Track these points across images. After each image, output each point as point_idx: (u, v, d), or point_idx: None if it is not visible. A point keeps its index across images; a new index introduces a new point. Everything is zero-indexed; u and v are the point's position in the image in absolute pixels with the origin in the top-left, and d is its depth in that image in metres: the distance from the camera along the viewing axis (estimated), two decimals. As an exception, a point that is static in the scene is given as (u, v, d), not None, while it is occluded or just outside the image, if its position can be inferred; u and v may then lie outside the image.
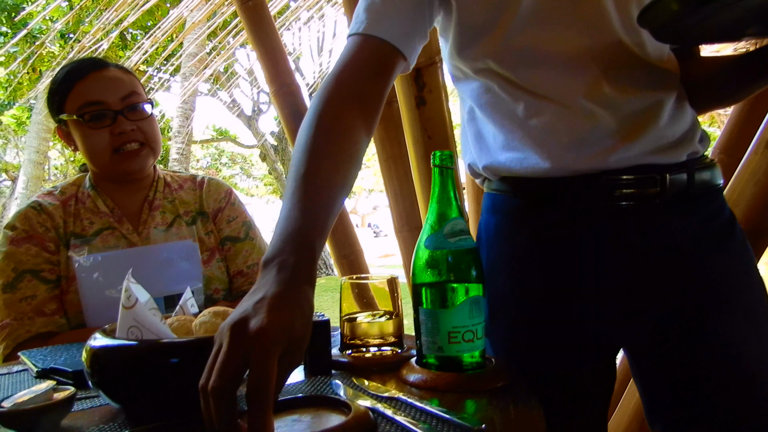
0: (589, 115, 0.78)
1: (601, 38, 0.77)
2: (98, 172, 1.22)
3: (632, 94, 0.78)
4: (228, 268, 1.27)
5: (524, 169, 0.81)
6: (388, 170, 1.92)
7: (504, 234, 0.87)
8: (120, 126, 1.16)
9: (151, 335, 0.64)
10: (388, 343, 0.80)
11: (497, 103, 0.83)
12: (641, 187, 0.78)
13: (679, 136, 0.79)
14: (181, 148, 7.19)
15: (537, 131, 0.81)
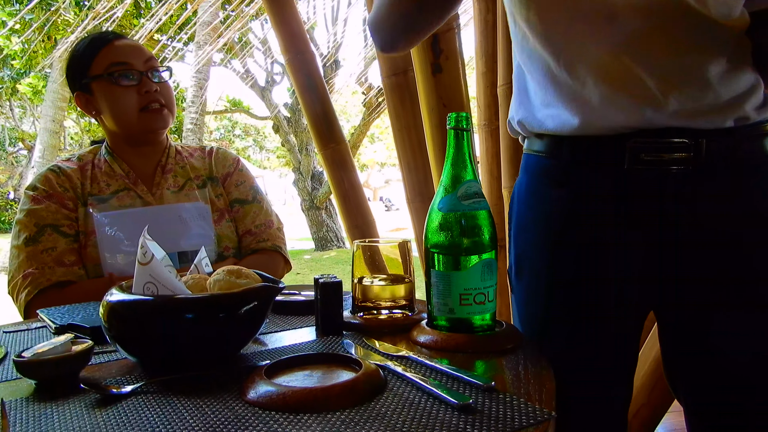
0: (624, 70, 0.74)
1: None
2: (120, 133, 1.26)
3: (675, 51, 0.73)
4: (237, 228, 1.32)
5: (555, 127, 0.81)
6: (402, 141, 1.91)
7: (534, 193, 0.87)
8: (146, 85, 1.22)
9: (167, 291, 0.64)
10: (399, 306, 0.81)
11: (534, 54, 0.82)
12: (670, 152, 0.74)
13: (726, 99, 0.74)
14: (195, 118, 7.19)
15: (568, 86, 0.79)
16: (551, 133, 0.82)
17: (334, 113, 2.11)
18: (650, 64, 0.74)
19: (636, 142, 0.75)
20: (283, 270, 1.34)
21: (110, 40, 1.24)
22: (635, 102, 0.75)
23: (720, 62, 0.74)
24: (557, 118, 0.80)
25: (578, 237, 0.81)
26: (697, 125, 0.74)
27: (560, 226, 0.83)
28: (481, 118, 2.07)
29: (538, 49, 0.81)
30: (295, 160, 9.43)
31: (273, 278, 0.71)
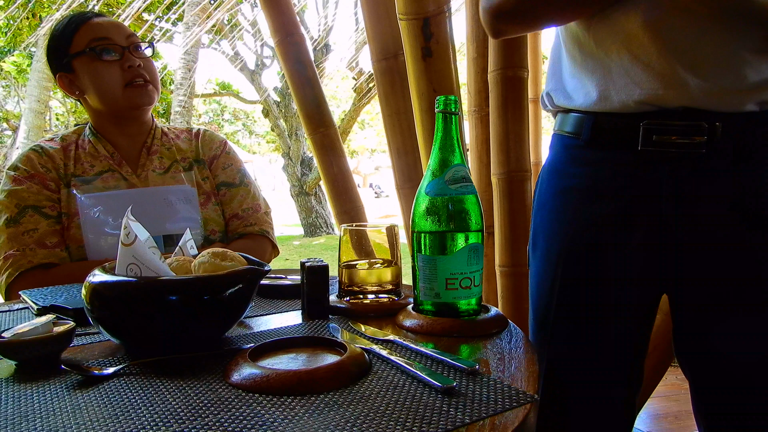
0: (645, 44, 0.74)
1: None
2: (105, 111, 1.24)
3: (699, 29, 0.72)
4: (224, 212, 1.31)
5: (577, 100, 0.83)
6: (392, 126, 1.90)
7: (555, 171, 0.90)
8: (129, 60, 1.21)
9: (150, 272, 0.64)
10: (385, 291, 0.81)
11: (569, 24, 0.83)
12: (684, 135, 0.73)
13: (753, 83, 0.72)
14: (183, 100, 7.10)
15: (593, 55, 0.80)
16: (573, 108, 0.84)
17: (324, 97, 2.09)
18: (672, 40, 0.73)
19: (650, 123, 0.75)
20: (270, 255, 1.33)
21: (89, 17, 1.22)
22: (652, 77, 0.74)
23: (750, 44, 0.72)
24: (580, 90, 0.82)
25: (591, 216, 0.83)
26: (713, 107, 0.72)
27: (576, 203, 0.85)
28: (472, 105, 2.07)
29: None
30: (285, 145, 9.36)
31: (258, 261, 0.71)
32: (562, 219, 0.87)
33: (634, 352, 0.87)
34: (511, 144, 1.84)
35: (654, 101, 0.75)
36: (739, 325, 0.77)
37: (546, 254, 0.89)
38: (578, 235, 0.85)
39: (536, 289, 0.92)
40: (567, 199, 0.87)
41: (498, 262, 1.87)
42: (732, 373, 0.79)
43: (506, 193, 1.85)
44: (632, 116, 0.77)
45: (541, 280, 0.90)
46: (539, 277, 0.91)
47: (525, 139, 1.83)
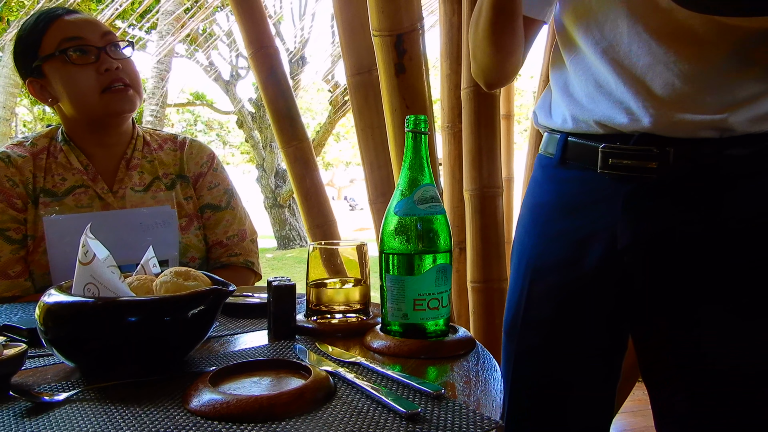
0: (602, 75, 0.79)
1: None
2: (80, 117, 1.12)
3: (652, 59, 0.74)
4: (206, 237, 1.22)
5: (555, 121, 0.87)
6: (365, 140, 1.90)
7: (531, 188, 0.94)
8: (105, 63, 1.09)
9: (109, 293, 0.62)
10: (353, 310, 0.80)
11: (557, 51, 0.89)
12: (636, 159, 0.76)
13: (708, 109, 0.73)
14: (156, 110, 6.99)
15: (569, 84, 0.85)
16: (551, 128, 0.89)
17: (298, 110, 2.08)
18: (626, 69, 0.76)
19: (607, 147, 0.78)
20: (252, 283, 1.25)
21: (59, 15, 1.09)
22: (611, 103, 0.78)
23: (704, 72, 0.73)
24: (558, 111, 0.87)
25: (556, 232, 0.86)
26: (667, 133, 0.74)
27: (544, 219, 0.89)
28: (445, 121, 2.08)
29: (560, 46, 0.88)
30: (259, 156, 9.30)
31: (223, 281, 0.69)
32: (532, 234, 0.91)
33: (602, 373, 0.88)
34: (484, 160, 1.85)
35: (612, 126, 0.78)
36: (694, 340, 0.78)
37: (518, 267, 0.92)
38: (545, 250, 0.88)
39: (508, 301, 0.94)
40: (537, 215, 0.91)
41: (470, 278, 1.88)
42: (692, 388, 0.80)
43: (478, 209, 1.86)
44: (594, 139, 0.80)
45: (512, 293, 0.93)
46: (511, 290, 0.94)
47: (497, 155, 1.85)
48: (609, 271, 0.81)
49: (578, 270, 0.83)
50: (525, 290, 0.89)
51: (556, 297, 0.86)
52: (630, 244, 0.78)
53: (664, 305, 0.79)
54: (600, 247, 0.81)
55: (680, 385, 0.80)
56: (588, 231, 0.82)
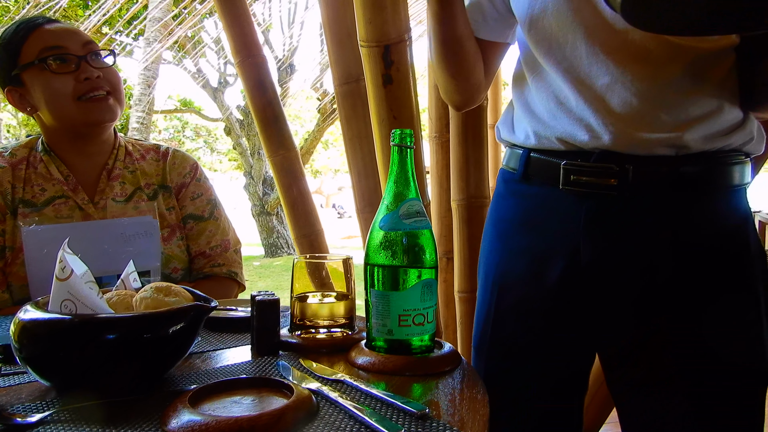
0: (564, 93, 0.80)
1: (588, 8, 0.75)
2: (59, 126, 1.11)
3: (610, 78, 0.75)
4: (189, 248, 1.20)
5: (518, 137, 0.87)
6: (353, 149, 1.89)
7: (495, 203, 0.95)
8: (85, 71, 1.08)
9: (87, 309, 0.60)
10: (338, 325, 0.79)
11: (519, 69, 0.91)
12: (596, 176, 0.77)
13: (664, 127, 0.75)
14: (142, 117, 6.94)
15: (531, 100, 0.86)
16: (514, 143, 0.89)
17: (285, 119, 2.07)
18: (586, 88, 0.78)
19: (568, 163, 0.79)
20: (236, 295, 1.23)
21: (40, 24, 1.09)
22: (572, 121, 0.79)
23: (661, 90, 0.75)
24: (520, 127, 0.87)
25: (519, 248, 0.87)
26: (626, 150, 0.76)
27: (507, 234, 0.90)
28: (433, 130, 2.09)
29: (522, 64, 0.89)
30: (247, 164, 9.25)
31: (205, 296, 0.68)
32: (496, 249, 0.92)
33: (569, 390, 0.89)
34: (471, 170, 1.86)
35: (573, 143, 0.79)
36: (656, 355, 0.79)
37: (484, 282, 0.93)
38: (509, 265, 0.88)
39: (476, 316, 0.94)
40: (501, 230, 0.92)
41: (457, 288, 1.88)
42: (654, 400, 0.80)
43: (465, 219, 1.86)
44: (556, 155, 0.81)
45: (480, 309, 0.93)
46: (479, 305, 0.94)
47: (484, 165, 1.86)
48: (572, 286, 0.82)
49: (542, 285, 0.84)
50: (492, 306, 0.89)
51: (521, 312, 0.86)
52: (592, 260, 0.79)
53: (627, 320, 0.80)
54: (562, 262, 0.81)
55: (644, 398, 0.80)
56: (551, 246, 0.83)
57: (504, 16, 0.93)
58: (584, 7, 0.76)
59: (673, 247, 0.77)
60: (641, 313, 0.79)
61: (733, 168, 0.77)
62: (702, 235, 0.77)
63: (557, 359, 0.86)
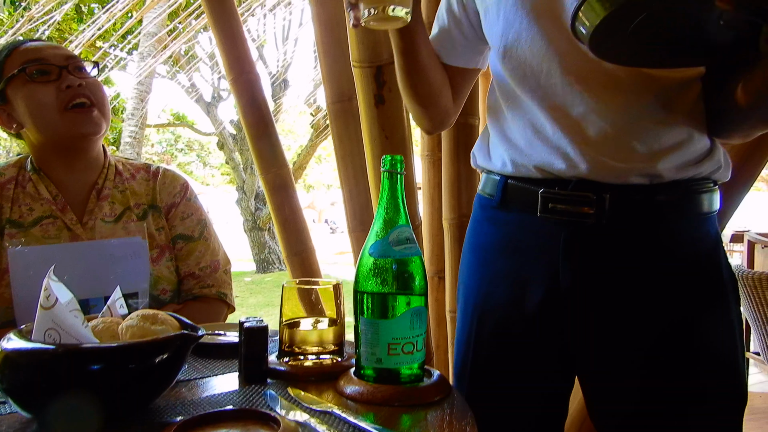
0: (540, 121, 0.81)
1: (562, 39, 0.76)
2: (46, 141, 1.09)
3: (585, 107, 0.77)
4: (178, 268, 1.19)
5: (494, 164, 0.88)
6: (345, 167, 1.90)
7: (473, 228, 0.95)
8: (66, 80, 1.07)
9: (71, 339, 0.59)
10: (327, 351, 0.78)
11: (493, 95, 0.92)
12: (574, 205, 0.78)
13: (639, 156, 0.76)
14: (135, 131, 6.93)
15: (507, 128, 0.87)
16: (491, 170, 0.89)
17: (278, 137, 2.07)
18: (562, 117, 0.79)
19: (546, 191, 0.80)
20: (225, 316, 1.22)
21: (24, 42, 1.10)
22: (549, 149, 0.79)
23: (635, 119, 0.77)
24: (497, 154, 0.88)
25: (499, 274, 0.87)
26: (603, 179, 0.77)
27: (487, 260, 0.90)
28: (424, 149, 2.09)
29: (497, 91, 0.89)
30: (239, 178, 9.24)
31: (192, 325, 0.67)
32: (476, 275, 0.92)
33: (550, 414, 0.89)
34: (463, 189, 1.86)
35: (551, 171, 0.80)
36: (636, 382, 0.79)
37: (465, 308, 0.93)
38: (489, 291, 0.88)
39: (457, 341, 0.94)
40: (479, 257, 0.92)
41: (449, 307, 1.87)
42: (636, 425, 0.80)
43: (457, 238, 1.86)
44: (534, 183, 0.82)
45: (460, 334, 0.93)
46: (459, 331, 0.94)
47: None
48: (552, 311, 0.82)
49: (522, 310, 0.84)
50: (473, 332, 0.89)
51: (502, 337, 0.86)
52: (571, 286, 0.80)
53: (606, 345, 0.80)
54: (542, 287, 0.82)
55: (623, 421, 0.81)
56: (530, 272, 0.83)
57: (473, 43, 0.94)
58: (558, 37, 0.77)
59: (650, 272, 0.78)
60: (620, 338, 0.79)
61: (704, 196, 0.80)
62: (677, 262, 0.79)
63: (538, 383, 0.87)
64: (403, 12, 0.75)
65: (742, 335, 0.82)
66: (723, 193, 1.23)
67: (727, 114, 0.78)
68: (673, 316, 0.78)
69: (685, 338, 0.77)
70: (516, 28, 0.81)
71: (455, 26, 0.94)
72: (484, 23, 0.89)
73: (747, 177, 1.39)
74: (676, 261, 0.79)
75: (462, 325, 0.93)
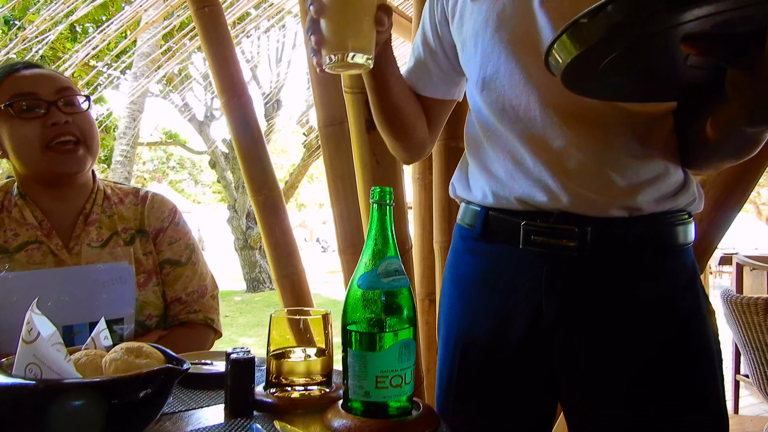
0: (521, 155, 0.81)
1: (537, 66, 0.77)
2: (28, 174, 1.10)
3: (565, 141, 0.78)
4: (165, 294, 1.18)
5: (474, 195, 0.88)
6: (336, 190, 1.90)
7: (453, 259, 0.94)
8: (53, 117, 1.05)
9: (52, 374, 0.58)
10: (315, 383, 0.77)
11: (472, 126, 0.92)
12: (557, 237, 0.78)
13: (618, 189, 0.77)
14: (126, 150, 6.91)
15: (488, 160, 0.87)
16: (471, 201, 0.90)
17: (269, 159, 2.07)
18: (543, 150, 0.79)
19: (528, 224, 0.80)
20: (212, 342, 1.20)
21: (16, 69, 1.08)
22: (530, 183, 0.80)
23: (615, 152, 0.78)
24: (477, 185, 0.88)
25: (481, 307, 0.87)
26: (585, 212, 0.78)
27: (469, 293, 0.89)
28: (415, 172, 2.11)
29: (476, 123, 0.90)
30: (231, 197, 9.22)
31: (177, 358, 0.66)
32: (457, 308, 0.91)
33: None
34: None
35: (533, 204, 0.80)
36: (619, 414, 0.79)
37: (446, 341, 0.91)
38: (472, 324, 0.87)
39: (439, 375, 0.93)
40: (461, 289, 0.91)
41: (439, 332, 1.86)
42: None
43: (448, 261, 1.86)
44: (516, 215, 0.82)
45: (442, 368, 0.92)
46: (441, 363, 0.92)
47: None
48: (536, 344, 0.82)
49: (505, 343, 0.83)
50: (455, 365, 0.88)
51: (485, 371, 0.86)
52: (555, 319, 0.80)
53: (590, 376, 0.80)
54: (525, 321, 0.82)
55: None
56: (513, 306, 0.83)
57: (449, 75, 0.95)
58: (536, 70, 0.78)
59: (630, 304, 0.79)
60: (602, 369, 0.79)
61: (680, 228, 0.81)
62: (657, 293, 0.79)
63: (522, 411, 0.86)
64: (364, 59, 0.75)
65: (721, 364, 0.82)
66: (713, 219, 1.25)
67: (698, 147, 0.79)
68: (653, 347, 0.78)
69: (665, 369, 0.78)
70: (494, 61, 0.82)
71: (431, 58, 0.95)
72: (462, 56, 0.90)
73: (735, 203, 1.41)
74: (656, 293, 0.79)
75: (444, 359, 0.92)
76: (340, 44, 0.74)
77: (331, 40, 0.74)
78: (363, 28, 0.75)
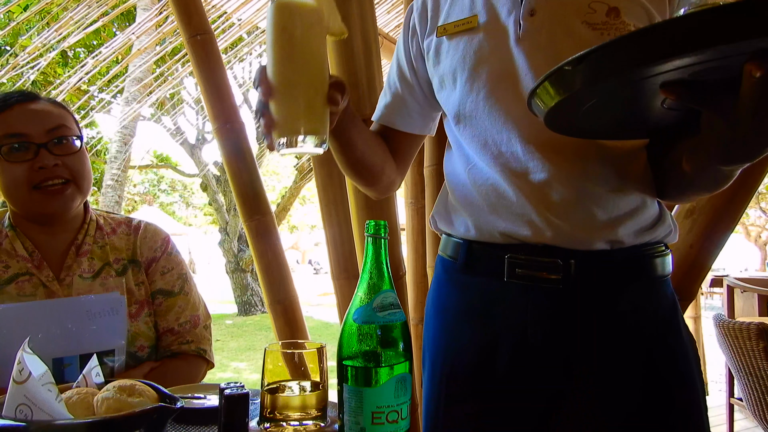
0: (503, 189, 0.82)
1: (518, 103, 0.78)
2: (18, 211, 1.10)
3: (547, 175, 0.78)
4: (157, 324, 1.16)
5: (456, 228, 0.88)
6: (329, 215, 1.90)
7: (435, 290, 0.93)
8: (42, 160, 1.04)
9: (43, 415, 0.57)
10: (310, 417, 0.76)
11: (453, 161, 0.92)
12: (541, 270, 0.79)
13: (601, 222, 0.79)
14: (117, 174, 6.89)
15: (469, 194, 0.87)
16: (452, 234, 0.89)
17: (261, 184, 2.08)
18: (525, 185, 0.80)
19: (512, 257, 0.80)
20: (204, 373, 1.19)
21: (11, 105, 1.06)
22: (513, 217, 0.80)
23: (597, 186, 0.79)
24: (459, 218, 0.88)
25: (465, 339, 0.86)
26: (568, 245, 0.78)
27: (452, 325, 0.88)
28: (408, 196, 2.12)
29: (455, 156, 0.89)
30: (222, 220, 9.19)
31: (171, 396, 0.65)
32: (442, 341, 0.90)
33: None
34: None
35: (517, 237, 0.81)
36: None
37: (432, 372, 0.90)
38: (457, 356, 0.87)
39: (425, 406, 0.91)
40: (445, 320, 0.90)
41: (433, 358, 1.85)
42: None
43: (441, 287, 1.86)
44: (500, 248, 0.82)
45: (429, 399, 0.90)
46: (427, 395, 0.91)
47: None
48: (521, 373, 0.82)
49: (491, 374, 0.83)
50: (442, 397, 0.87)
51: (471, 402, 0.85)
52: (540, 348, 0.80)
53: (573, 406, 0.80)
54: (510, 351, 0.81)
55: None
56: (498, 337, 0.83)
57: (426, 110, 0.96)
58: (515, 107, 0.79)
59: (614, 336, 0.79)
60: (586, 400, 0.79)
61: (658, 260, 0.82)
62: (639, 325, 0.80)
63: None
64: (316, 142, 0.70)
65: (704, 394, 0.83)
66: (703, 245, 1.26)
67: (673, 179, 0.81)
68: (637, 377, 0.79)
69: (651, 398, 0.78)
70: (473, 98, 0.83)
71: (408, 93, 0.95)
72: (440, 93, 0.90)
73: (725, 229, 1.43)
74: (638, 324, 0.80)
75: (429, 390, 0.90)
76: (290, 128, 0.70)
77: (281, 124, 0.69)
78: (314, 110, 0.70)
